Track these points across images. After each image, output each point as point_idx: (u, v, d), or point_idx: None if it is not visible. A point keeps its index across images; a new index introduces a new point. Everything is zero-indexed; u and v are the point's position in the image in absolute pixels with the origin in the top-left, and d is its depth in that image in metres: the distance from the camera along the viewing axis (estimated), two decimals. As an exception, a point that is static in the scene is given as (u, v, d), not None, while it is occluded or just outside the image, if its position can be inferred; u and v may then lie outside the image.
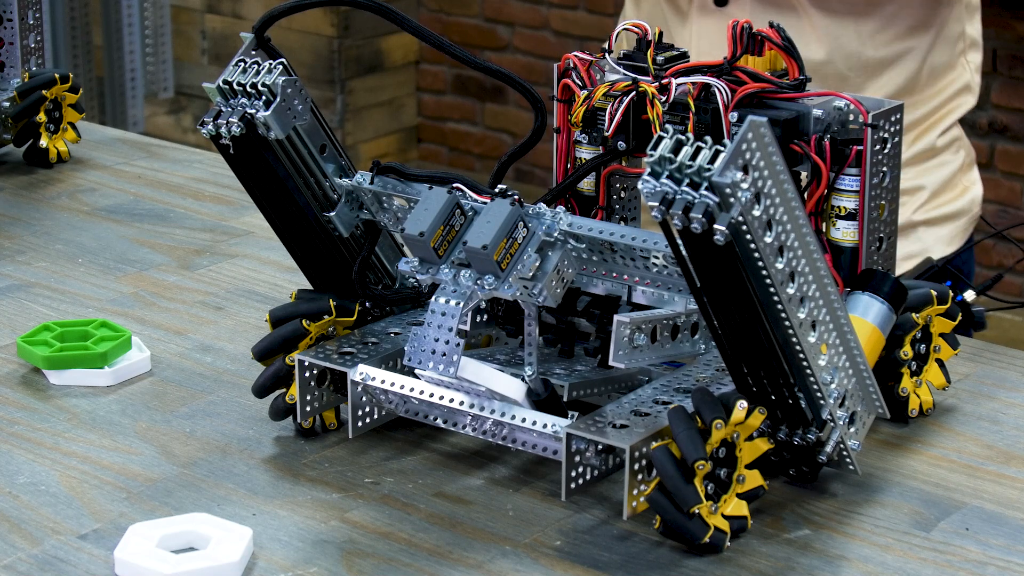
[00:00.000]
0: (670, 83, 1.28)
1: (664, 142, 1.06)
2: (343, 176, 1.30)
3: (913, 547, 1.17)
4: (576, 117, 1.33)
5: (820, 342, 1.14)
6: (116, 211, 1.82)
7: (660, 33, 1.33)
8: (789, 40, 1.27)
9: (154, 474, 1.26)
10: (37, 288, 1.61)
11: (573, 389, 1.25)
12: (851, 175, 1.26)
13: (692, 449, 1.11)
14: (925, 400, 1.34)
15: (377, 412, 1.29)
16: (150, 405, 1.38)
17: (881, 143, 1.26)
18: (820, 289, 1.13)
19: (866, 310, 1.26)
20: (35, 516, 1.20)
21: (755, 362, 1.14)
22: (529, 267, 1.17)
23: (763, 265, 1.08)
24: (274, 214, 1.32)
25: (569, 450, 1.16)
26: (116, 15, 3.88)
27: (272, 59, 1.27)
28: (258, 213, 1.26)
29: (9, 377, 1.43)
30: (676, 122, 1.29)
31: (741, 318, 1.11)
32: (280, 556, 1.15)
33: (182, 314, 1.56)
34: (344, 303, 1.32)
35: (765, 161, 1.06)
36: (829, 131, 1.26)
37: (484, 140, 4.42)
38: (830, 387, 1.16)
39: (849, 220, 1.28)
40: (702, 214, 1.04)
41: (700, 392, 1.14)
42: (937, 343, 1.34)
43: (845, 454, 1.21)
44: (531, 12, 4.25)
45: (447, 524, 1.19)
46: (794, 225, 1.09)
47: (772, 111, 1.26)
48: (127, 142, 2.06)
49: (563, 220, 1.19)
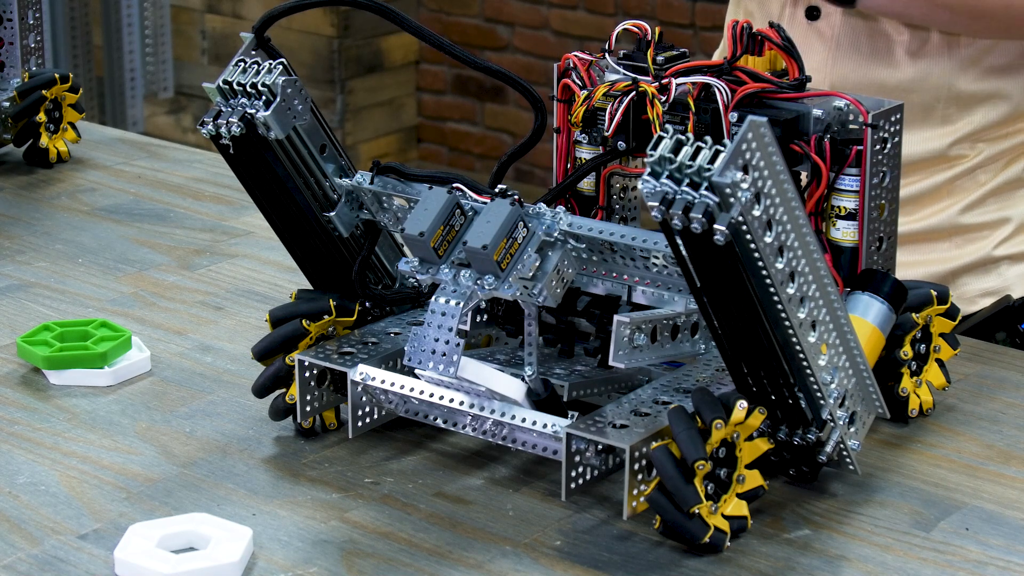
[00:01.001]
0: (670, 83, 1.28)
1: (664, 142, 1.06)
2: (343, 176, 1.30)
3: (913, 547, 1.17)
4: (576, 117, 1.33)
5: (820, 342, 1.14)
6: (116, 211, 1.82)
7: (660, 33, 1.32)
8: (789, 40, 1.27)
9: (154, 474, 1.26)
10: (37, 288, 1.61)
11: (573, 389, 1.25)
12: (851, 175, 1.26)
13: (692, 449, 1.11)
14: (925, 400, 1.34)
15: (377, 412, 1.29)
16: (150, 405, 1.38)
17: (881, 143, 1.25)
18: (820, 289, 1.13)
19: (866, 310, 1.26)
20: (35, 516, 1.20)
21: (755, 362, 1.14)
22: (529, 267, 1.17)
23: (763, 265, 1.08)
24: (274, 214, 1.32)
25: (569, 450, 1.16)
26: (116, 15, 3.88)
27: (272, 59, 1.27)
28: (258, 213, 1.25)
29: (9, 377, 1.43)
30: (676, 122, 1.29)
31: (741, 318, 1.11)
32: (280, 556, 1.15)
33: (182, 314, 1.56)
34: (344, 303, 1.31)
35: (765, 161, 1.05)
36: (829, 131, 1.26)
37: (484, 140, 4.42)
38: (830, 387, 1.16)
39: (849, 220, 1.27)
40: (702, 214, 1.04)
41: (700, 392, 1.14)
42: (937, 343, 1.34)
43: (845, 454, 1.21)
44: (531, 12, 4.25)
45: (447, 524, 1.19)
46: (794, 225, 1.09)
47: (772, 111, 1.26)
48: (127, 142, 2.06)
49: (563, 220, 1.19)
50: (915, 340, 1.33)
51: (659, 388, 1.22)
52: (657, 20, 4.00)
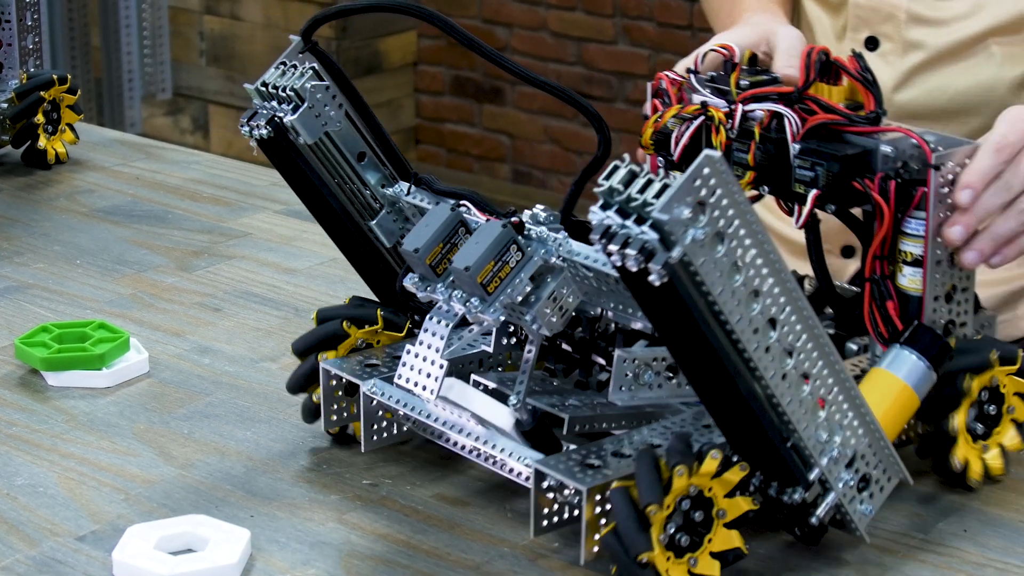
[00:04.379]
0: (736, 110, 1.23)
1: (619, 172, 0.99)
2: (386, 185, 1.28)
3: (911, 548, 1.17)
4: (644, 139, 1.28)
5: (814, 396, 1.07)
6: (114, 212, 1.82)
7: (752, 56, 1.27)
8: (868, 71, 1.21)
9: (152, 476, 1.26)
10: (35, 289, 1.61)
11: (575, 423, 1.18)
12: (918, 219, 1.19)
13: (647, 493, 1.04)
14: (992, 466, 1.23)
15: (397, 428, 1.26)
16: (148, 407, 1.37)
17: (951, 186, 1.18)
18: (813, 340, 1.06)
19: (900, 365, 1.17)
20: (33, 518, 1.20)
21: (723, 412, 1.07)
22: (520, 292, 1.13)
23: (720, 311, 1.01)
24: (318, 218, 1.31)
25: (538, 486, 1.10)
26: (114, 16, 3.87)
27: (321, 63, 1.25)
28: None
29: (7, 379, 1.43)
30: (742, 150, 1.23)
31: (698, 364, 1.04)
32: (278, 558, 1.15)
33: (180, 315, 1.56)
34: (394, 317, 1.29)
35: (729, 200, 0.99)
36: (898, 170, 1.19)
37: (482, 141, 4.42)
38: (829, 445, 1.09)
39: (916, 267, 1.20)
40: (638, 251, 0.97)
41: (677, 437, 1.07)
42: (1012, 403, 1.23)
43: (849, 518, 1.13)
44: (529, 13, 4.25)
45: (445, 526, 1.19)
46: (772, 270, 1.03)
47: (836, 145, 1.19)
48: (125, 143, 2.06)
49: (563, 247, 1.14)
50: (980, 403, 1.22)
51: (658, 430, 1.15)
52: (655, 21, 4.00)
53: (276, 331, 1.52)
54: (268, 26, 4.28)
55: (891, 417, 1.16)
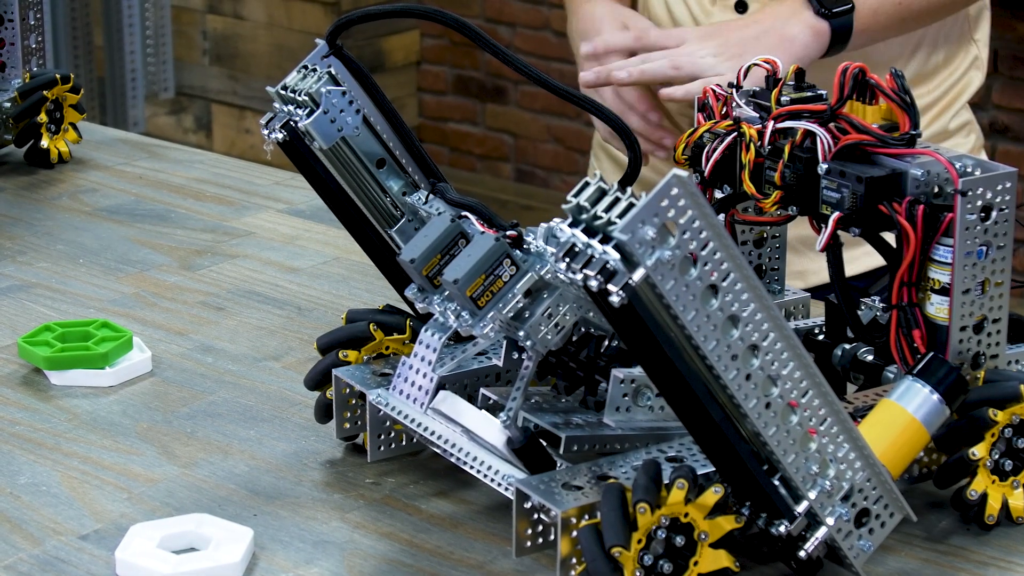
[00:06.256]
0: (767, 127, 1.20)
1: (588, 189, 0.98)
2: (407, 193, 1.26)
3: (914, 547, 1.16)
4: (677, 154, 1.26)
5: (803, 426, 1.03)
6: (117, 211, 1.82)
7: (798, 71, 1.23)
8: (907, 91, 1.16)
9: (155, 474, 1.26)
10: (38, 288, 1.61)
11: (572, 443, 1.14)
12: (946, 245, 1.14)
13: (611, 536, 1.01)
14: (1015, 506, 1.17)
15: (406, 439, 1.25)
16: (151, 406, 1.38)
17: (981, 212, 1.14)
18: (802, 368, 1.03)
19: (910, 397, 1.13)
20: (36, 516, 1.20)
21: (700, 438, 1.04)
22: (511, 307, 1.11)
23: (692, 336, 0.98)
24: (343, 222, 1.30)
25: (520, 506, 1.07)
26: (117, 15, 3.88)
27: (347, 66, 1.24)
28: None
29: (10, 378, 1.43)
30: (772, 168, 1.20)
31: (668, 388, 1.02)
32: (281, 557, 1.15)
33: (183, 314, 1.56)
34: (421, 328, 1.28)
35: (702, 221, 0.96)
36: (929, 194, 1.14)
37: (485, 141, 4.42)
38: (822, 478, 1.05)
39: (944, 295, 1.15)
40: (598, 271, 0.95)
41: (644, 466, 1.04)
42: None
43: (843, 554, 1.08)
44: (532, 13, 4.25)
45: (448, 525, 1.19)
46: (754, 296, 0.99)
47: (864, 166, 1.15)
48: (128, 142, 2.06)
49: None
50: (1007, 439, 1.16)
51: (653, 452, 1.13)
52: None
53: (279, 330, 1.52)
54: (271, 25, 4.28)
55: (896, 451, 1.11)
